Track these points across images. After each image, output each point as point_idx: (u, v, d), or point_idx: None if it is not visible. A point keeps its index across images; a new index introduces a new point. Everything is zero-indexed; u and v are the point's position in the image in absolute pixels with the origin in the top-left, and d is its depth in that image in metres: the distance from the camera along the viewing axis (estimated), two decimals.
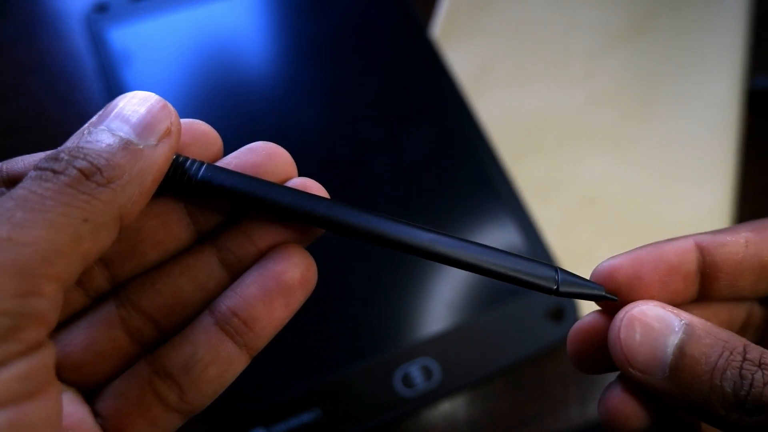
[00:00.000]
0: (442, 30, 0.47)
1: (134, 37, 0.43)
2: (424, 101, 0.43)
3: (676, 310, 0.17)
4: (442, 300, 0.37)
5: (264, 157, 0.18)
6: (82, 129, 0.17)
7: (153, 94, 0.17)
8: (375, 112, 0.43)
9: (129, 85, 0.42)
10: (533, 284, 0.18)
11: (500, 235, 0.38)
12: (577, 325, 0.19)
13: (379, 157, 0.40)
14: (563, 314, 0.37)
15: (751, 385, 0.15)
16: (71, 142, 0.16)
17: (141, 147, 0.16)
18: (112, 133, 0.16)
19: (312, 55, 0.44)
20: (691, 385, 0.16)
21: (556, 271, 0.18)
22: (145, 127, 0.16)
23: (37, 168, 0.15)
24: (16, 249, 0.13)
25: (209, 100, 0.42)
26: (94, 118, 0.17)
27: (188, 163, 0.18)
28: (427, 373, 0.35)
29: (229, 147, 0.19)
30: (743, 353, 0.16)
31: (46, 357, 0.14)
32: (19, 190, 0.14)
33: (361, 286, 0.37)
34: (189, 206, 0.19)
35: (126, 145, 0.16)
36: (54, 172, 0.15)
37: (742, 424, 0.15)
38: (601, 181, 0.42)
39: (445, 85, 0.43)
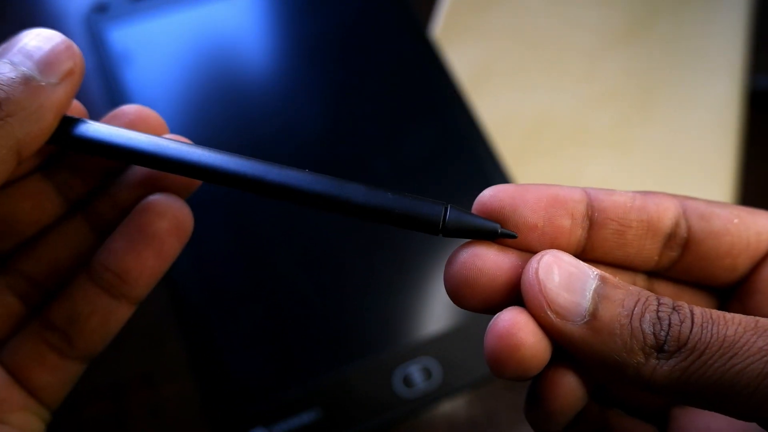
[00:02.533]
0: (442, 30, 0.47)
1: (134, 37, 0.43)
2: (424, 101, 0.43)
3: (586, 264, 0.16)
4: (443, 300, 0.37)
5: (135, 118, 0.20)
6: None
7: (58, 33, 0.18)
8: (375, 113, 0.43)
9: (129, 85, 0.42)
10: (415, 221, 0.16)
11: None
12: (462, 254, 0.17)
13: (379, 157, 0.40)
14: None
15: (669, 325, 0.15)
16: None
17: (43, 84, 0.17)
18: (14, 67, 0.16)
19: (312, 56, 0.44)
20: (610, 329, 0.15)
21: (446, 209, 0.16)
22: (48, 64, 0.17)
23: None
24: None
25: (209, 100, 0.42)
26: None
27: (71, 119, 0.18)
28: (427, 373, 0.35)
29: (230, 147, 0.19)
30: (657, 299, 0.15)
31: None
32: None
33: (361, 286, 0.37)
34: (57, 182, 0.20)
35: (27, 80, 0.16)
36: None
37: (660, 372, 0.15)
38: (601, 182, 0.42)
39: (445, 86, 0.43)
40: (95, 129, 0.18)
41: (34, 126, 0.16)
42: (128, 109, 0.20)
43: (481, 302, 0.17)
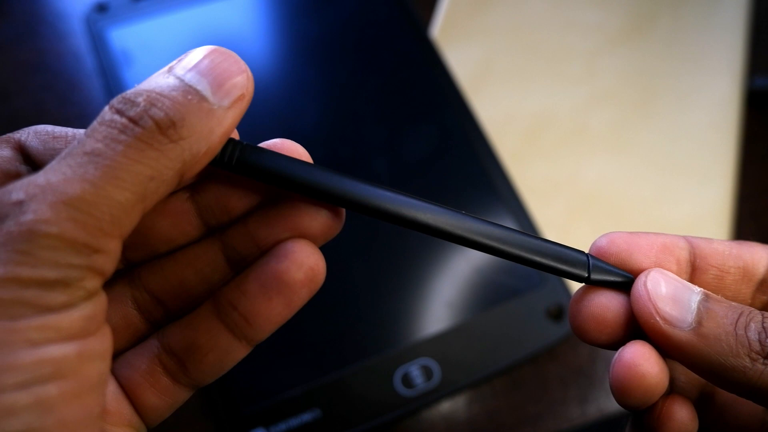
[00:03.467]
0: (442, 30, 0.47)
1: (134, 37, 0.43)
2: (423, 101, 0.43)
3: (686, 281, 0.18)
4: (442, 300, 0.37)
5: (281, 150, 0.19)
6: (158, 72, 0.16)
7: (233, 54, 0.17)
8: (375, 112, 0.43)
9: (129, 85, 0.42)
10: (564, 271, 0.18)
11: None
12: (590, 297, 0.19)
13: (379, 157, 0.40)
14: (563, 314, 0.37)
15: None
16: (147, 85, 0.16)
17: (215, 107, 0.16)
18: (190, 86, 0.16)
19: (312, 55, 0.44)
20: (716, 335, 0.16)
21: (588, 257, 0.18)
22: (222, 87, 0.16)
23: (112, 108, 0.15)
24: (88, 209, 0.14)
25: None
26: (173, 63, 0.17)
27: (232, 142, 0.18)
28: (427, 373, 0.35)
29: None
30: (761, 313, 0.17)
31: (102, 302, 0.15)
32: (92, 141, 0.14)
33: (361, 286, 0.37)
34: (199, 204, 0.19)
35: (201, 101, 0.16)
36: (130, 120, 0.15)
37: (766, 376, 0.16)
38: (601, 181, 0.42)
39: (444, 85, 0.43)
40: (259, 153, 0.18)
41: (201, 150, 0.16)
42: (271, 143, 0.19)
43: (606, 336, 0.19)
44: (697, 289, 0.18)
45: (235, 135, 0.19)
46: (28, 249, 0.13)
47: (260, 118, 0.41)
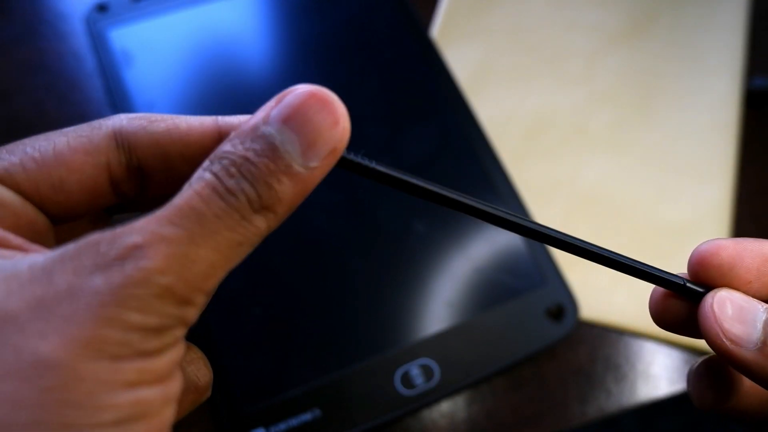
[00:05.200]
0: (442, 30, 0.47)
1: (134, 37, 0.43)
2: (423, 101, 0.43)
3: (755, 299, 0.19)
4: (442, 300, 0.37)
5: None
6: (255, 123, 0.16)
7: (333, 101, 0.17)
8: (374, 112, 0.43)
9: (129, 85, 0.42)
10: (663, 279, 0.19)
11: (501, 236, 0.38)
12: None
13: (379, 157, 0.40)
14: (563, 314, 0.37)
15: None
16: (241, 146, 0.16)
17: (303, 172, 0.16)
18: (281, 149, 0.16)
19: (312, 55, 0.44)
20: None
21: (682, 277, 0.20)
22: (314, 147, 0.16)
23: (212, 173, 0.15)
24: (191, 266, 0.15)
25: (210, 100, 0.42)
26: (271, 112, 0.16)
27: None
28: (427, 373, 0.35)
29: None
30: None
31: (182, 349, 0.16)
32: (197, 198, 0.15)
33: (361, 286, 0.37)
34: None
35: (289, 166, 0.16)
36: (227, 190, 0.15)
37: None
38: (601, 181, 0.42)
39: (444, 85, 0.43)
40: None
41: (286, 213, 0.16)
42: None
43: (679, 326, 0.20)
44: (763, 306, 0.18)
45: None
46: (142, 295, 0.14)
47: None
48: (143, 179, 0.18)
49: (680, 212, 0.41)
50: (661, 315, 0.20)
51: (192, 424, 0.35)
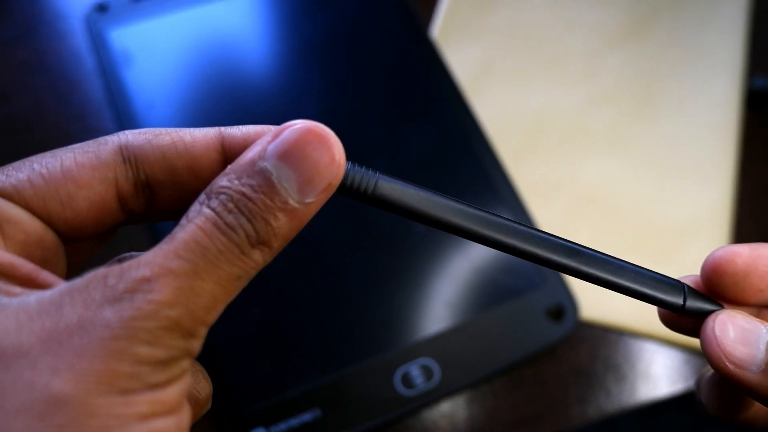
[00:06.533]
0: (442, 30, 0.47)
1: (134, 37, 0.43)
2: (423, 101, 0.43)
3: (757, 319, 0.18)
4: (442, 300, 0.37)
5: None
6: (252, 158, 0.16)
7: (330, 137, 0.16)
8: (375, 112, 0.43)
9: (129, 85, 0.42)
10: (660, 300, 0.19)
11: None
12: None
13: (379, 157, 0.40)
14: (563, 314, 0.37)
15: None
16: (238, 182, 0.16)
17: (299, 207, 0.16)
18: (277, 186, 0.16)
19: (312, 55, 0.44)
20: None
21: (683, 288, 0.19)
22: (311, 183, 0.16)
23: (211, 209, 0.16)
24: (195, 299, 0.15)
25: (209, 100, 0.42)
26: (268, 147, 0.16)
27: (358, 172, 0.18)
28: (427, 373, 0.35)
29: None
30: None
31: (189, 380, 0.16)
32: (200, 232, 0.15)
33: (361, 286, 0.37)
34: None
35: (285, 206, 0.16)
36: (227, 225, 0.15)
37: None
38: (601, 181, 0.42)
39: (444, 85, 0.43)
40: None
41: (281, 246, 0.16)
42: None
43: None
44: (766, 327, 0.18)
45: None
46: (151, 328, 0.14)
47: (260, 118, 0.41)
48: (151, 195, 0.18)
49: (680, 212, 0.41)
50: (670, 321, 0.20)
51: (192, 424, 0.35)
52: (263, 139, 0.17)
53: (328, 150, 0.16)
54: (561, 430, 0.36)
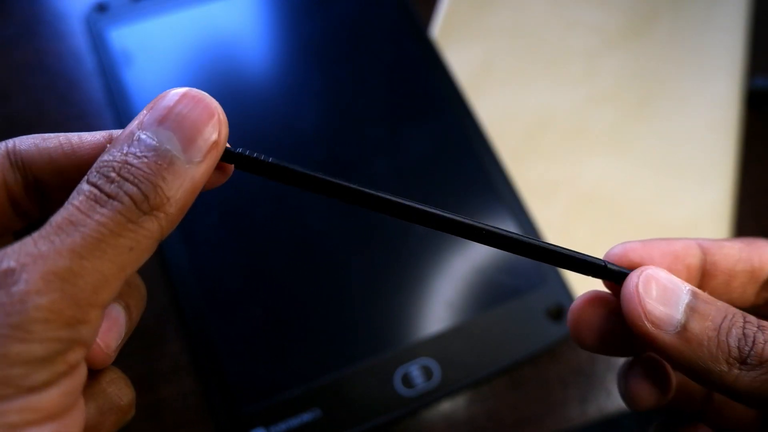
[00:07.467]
0: (442, 30, 0.47)
1: (134, 37, 0.43)
2: (423, 101, 0.43)
3: (680, 279, 0.18)
4: (442, 300, 0.37)
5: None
6: (131, 130, 0.16)
7: (205, 97, 0.17)
8: (375, 113, 0.43)
9: (129, 85, 0.42)
10: (585, 261, 0.19)
11: None
12: (578, 299, 0.21)
13: (379, 158, 0.40)
14: (563, 314, 0.37)
15: (753, 342, 0.17)
16: (119, 153, 0.15)
17: (187, 166, 0.16)
18: (161, 148, 0.16)
19: (312, 55, 0.44)
20: (699, 340, 0.17)
21: (604, 261, 0.20)
22: (194, 143, 0.16)
23: (90, 183, 0.15)
24: (75, 280, 0.14)
25: None
26: (144, 118, 0.16)
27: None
28: (427, 373, 0.35)
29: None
30: (743, 317, 0.17)
31: (82, 375, 0.15)
32: (76, 211, 0.14)
33: (361, 286, 0.37)
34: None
35: (172, 163, 0.15)
36: (108, 195, 0.15)
37: (741, 380, 0.16)
38: (601, 181, 0.42)
39: (444, 85, 0.43)
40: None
41: (176, 211, 0.16)
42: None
43: (602, 345, 0.20)
44: (686, 288, 0.18)
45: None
46: (20, 323, 0.13)
47: (260, 118, 0.41)
48: (43, 198, 0.18)
49: (680, 212, 0.41)
50: (581, 325, 0.20)
51: (192, 424, 0.35)
52: (140, 113, 0.16)
53: (206, 108, 0.16)
54: (561, 430, 0.36)
